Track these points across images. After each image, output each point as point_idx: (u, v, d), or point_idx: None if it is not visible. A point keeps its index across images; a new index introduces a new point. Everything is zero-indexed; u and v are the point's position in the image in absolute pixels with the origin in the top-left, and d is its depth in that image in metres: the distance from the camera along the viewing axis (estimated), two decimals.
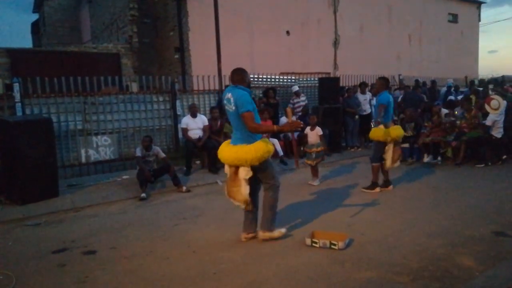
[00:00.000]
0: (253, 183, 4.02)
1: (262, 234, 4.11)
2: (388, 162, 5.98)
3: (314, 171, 6.81)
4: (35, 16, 24.19)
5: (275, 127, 4.06)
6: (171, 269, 3.60)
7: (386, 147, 5.94)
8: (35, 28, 24.41)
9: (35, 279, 3.57)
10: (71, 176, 7.55)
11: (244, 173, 3.86)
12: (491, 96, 8.02)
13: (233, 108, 3.84)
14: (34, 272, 3.70)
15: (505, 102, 7.88)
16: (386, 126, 5.89)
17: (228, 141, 4.17)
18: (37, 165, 5.89)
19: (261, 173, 4.01)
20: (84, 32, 19.30)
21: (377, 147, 6.05)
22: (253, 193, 4.09)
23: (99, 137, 7.98)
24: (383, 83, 6.11)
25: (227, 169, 4.07)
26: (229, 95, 3.91)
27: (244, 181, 3.88)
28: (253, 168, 3.88)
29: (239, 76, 3.97)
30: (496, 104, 7.71)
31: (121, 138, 8.24)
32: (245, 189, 3.89)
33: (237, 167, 3.92)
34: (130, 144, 8.29)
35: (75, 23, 20.32)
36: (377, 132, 5.96)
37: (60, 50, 12.50)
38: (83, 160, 7.80)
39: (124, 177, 7.35)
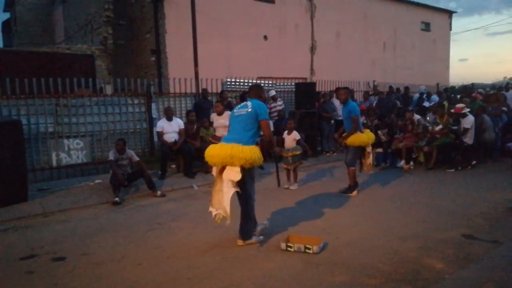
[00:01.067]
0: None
1: (240, 242, 4.15)
2: (370, 166, 6.26)
3: (294, 175, 6.88)
4: (6, 15, 23.50)
5: (277, 148, 4.58)
6: (144, 275, 3.53)
7: (367, 152, 6.15)
8: (6, 27, 23.69)
9: (1, 286, 3.43)
10: (42, 180, 7.32)
11: (233, 174, 3.79)
12: (458, 106, 8.31)
13: (249, 110, 4.00)
14: (1, 280, 3.56)
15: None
16: (361, 132, 6.14)
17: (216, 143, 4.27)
18: (5, 169, 5.68)
19: (243, 181, 3.92)
20: (58, 33, 18.84)
21: (356, 152, 6.21)
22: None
23: (71, 140, 7.78)
24: (347, 92, 6.33)
25: (215, 171, 3.97)
26: (247, 103, 4.15)
27: (231, 183, 3.81)
28: (242, 171, 3.81)
29: (256, 92, 4.25)
30: (463, 105, 8.15)
31: (94, 141, 8.06)
32: (227, 192, 3.82)
33: (222, 169, 3.85)
34: (104, 147, 8.12)
35: (48, 23, 19.82)
36: (361, 138, 6.11)
37: (32, 51, 12.15)
38: (54, 163, 7.59)
39: (97, 181, 7.19)
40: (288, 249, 3.89)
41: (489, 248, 3.88)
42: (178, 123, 7.87)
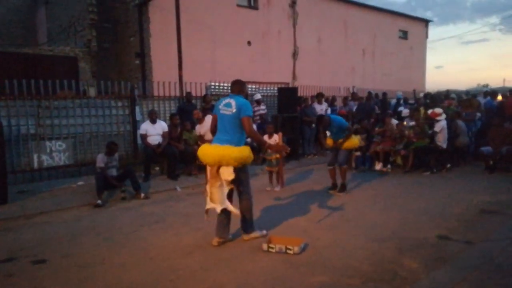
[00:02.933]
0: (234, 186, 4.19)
1: (245, 236, 4.34)
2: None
3: (280, 178, 7.02)
4: None
5: (267, 142, 4.35)
6: (126, 277, 3.54)
7: (354, 153, 6.56)
8: None
9: None
10: (22, 182, 7.23)
11: (227, 173, 4.00)
12: (435, 111, 8.57)
13: (234, 111, 4.06)
14: None
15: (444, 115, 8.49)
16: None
17: (208, 143, 4.34)
18: None
19: (239, 179, 4.15)
20: (40, 34, 18.48)
21: (348, 153, 6.70)
22: (229, 198, 4.22)
23: (53, 142, 7.70)
24: (327, 120, 6.54)
25: (208, 170, 4.20)
26: (230, 100, 4.16)
27: (226, 182, 4.03)
28: (234, 170, 4.03)
29: (239, 88, 4.31)
30: (441, 111, 8.41)
31: (77, 143, 7.99)
32: (226, 190, 4.05)
33: (218, 168, 4.06)
34: (87, 149, 8.07)
35: (30, 24, 19.41)
36: (355, 141, 6.65)
37: (13, 52, 11.95)
38: (35, 165, 7.49)
39: (79, 183, 7.14)
40: (270, 249, 3.97)
41: (463, 248, 4.02)
42: (162, 126, 7.88)
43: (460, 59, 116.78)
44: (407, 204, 5.85)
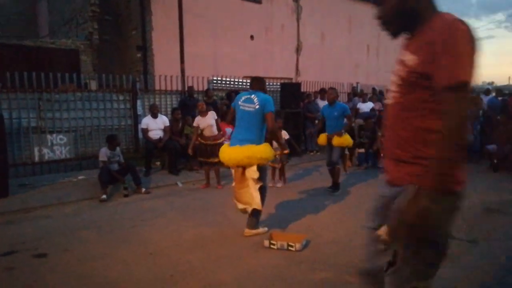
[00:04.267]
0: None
1: (247, 232, 4.35)
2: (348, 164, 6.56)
3: (283, 174, 6.97)
4: None
5: (283, 144, 4.64)
6: (127, 272, 3.53)
7: (346, 153, 6.43)
8: None
9: None
10: (23, 175, 7.21)
11: (253, 173, 4.10)
12: None
13: (257, 107, 4.12)
14: None
15: None
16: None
17: (227, 144, 4.39)
18: None
19: (261, 176, 4.25)
20: (42, 27, 18.45)
21: (341, 151, 6.52)
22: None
23: (54, 135, 7.67)
24: (335, 93, 6.50)
25: (236, 172, 4.27)
26: (251, 96, 4.22)
27: (253, 181, 4.13)
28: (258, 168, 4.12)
29: (259, 85, 4.37)
30: None
31: (78, 137, 7.97)
32: (255, 189, 4.14)
33: (243, 168, 4.13)
34: (88, 143, 8.04)
35: (32, 16, 19.38)
36: (348, 139, 6.45)
37: (15, 44, 11.90)
38: (36, 159, 7.47)
39: (80, 177, 7.12)
40: (271, 246, 3.95)
41: (466, 247, 3.99)
42: (163, 120, 7.85)
43: None
44: None
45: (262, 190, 4.32)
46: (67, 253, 3.99)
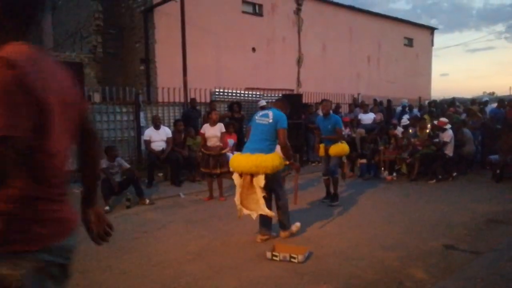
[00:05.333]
0: (268, 191, 4.43)
1: (283, 234, 4.59)
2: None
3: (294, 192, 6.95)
4: None
5: (291, 161, 4.72)
6: (129, 284, 3.52)
7: (344, 161, 6.45)
8: None
9: None
10: None
11: (260, 181, 4.24)
12: (442, 120, 8.53)
13: (270, 121, 4.36)
14: None
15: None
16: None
17: (239, 153, 4.65)
18: None
19: (273, 182, 4.43)
20: (46, 40, 18.67)
21: (338, 161, 6.54)
22: (268, 200, 4.48)
23: None
24: (329, 105, 6.63)
25: (237, 178, 4.42)
26: (268, 111, 4.51)
27: (259, 189, 4.25)
28: (267, 177, 4.26)
29: (282, 105, 4.72)
30: (447, 120, 8.44)
31: None
32: (261, 196, 4.25)
33: (252, 176, 4.27)
34: None
35: (37, 30, 19.65)
36: (345, 148, 6.41)
37: None
38: None
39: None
40: (274, 258, 3.93)
41: (470, 258, 3.97)
42: (165, 132, 7.89)
43: (466, 67, 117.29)
44: (412, 213, 5.80)
45: (282, 197, 4.56)
46: None
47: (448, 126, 8.32)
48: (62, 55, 12.45)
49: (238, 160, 4.40)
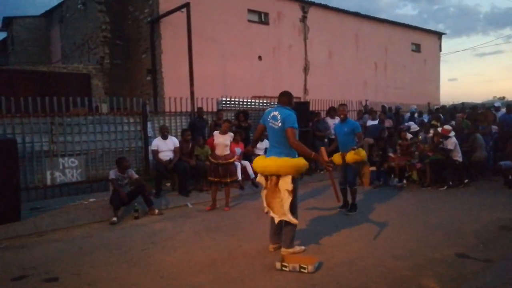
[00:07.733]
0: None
1: (284, 250, 4.29)
2: (367, 181, 6.22)
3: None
4: (3, 34, 23.60)
5: (313, 153, 4.26)
6: None
7: (366, 166, 6.27)
8: (2, 46, 23.78)
9: None
10: (35, 199, 7.26)
11: (286, 184, 4.11)
12: (445, 128, 8.41)
13: (279, 124, 4.18)
14: None
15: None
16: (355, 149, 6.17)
17: (263, 155, 4.47)
18: None
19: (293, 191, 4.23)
20: (54, 52, 18.97)
21: (355, 170, 6.40)
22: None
23: (66, 158, 7.76)
24: (346, 109, 6.53)
25: (262, 180, 4.32)
26: (276, 112, 4.28)
27: (287, 192, 4.11)
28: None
29: (286, 99, 4.41)
30: (450, 128, 8.29)
31: (89, 159, 8.05)
32: (287, 200, 4.11)
33: (277, 178, 4.15)
34: (99, 166, 8.11)
35: (45, 42, 19.95)
36: (361, 153, 6.26)
37: (29, 70, 12.20)
38: (48, 182, 7.54)
39: (91, 200, 7.15)
40: (283, 268, 3.88)
41: (482, 267, 3.90)
42: (173, 142, 7.90)
43: (475, 72, 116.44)
44: (423, 221, 5.71)
45: (292, 207, 4.28)
46: (78, 277, 3.97)
47: (452, 133, 8.20)
48: (70, 67, 12.60)
49: (263, 162, 4.28)
